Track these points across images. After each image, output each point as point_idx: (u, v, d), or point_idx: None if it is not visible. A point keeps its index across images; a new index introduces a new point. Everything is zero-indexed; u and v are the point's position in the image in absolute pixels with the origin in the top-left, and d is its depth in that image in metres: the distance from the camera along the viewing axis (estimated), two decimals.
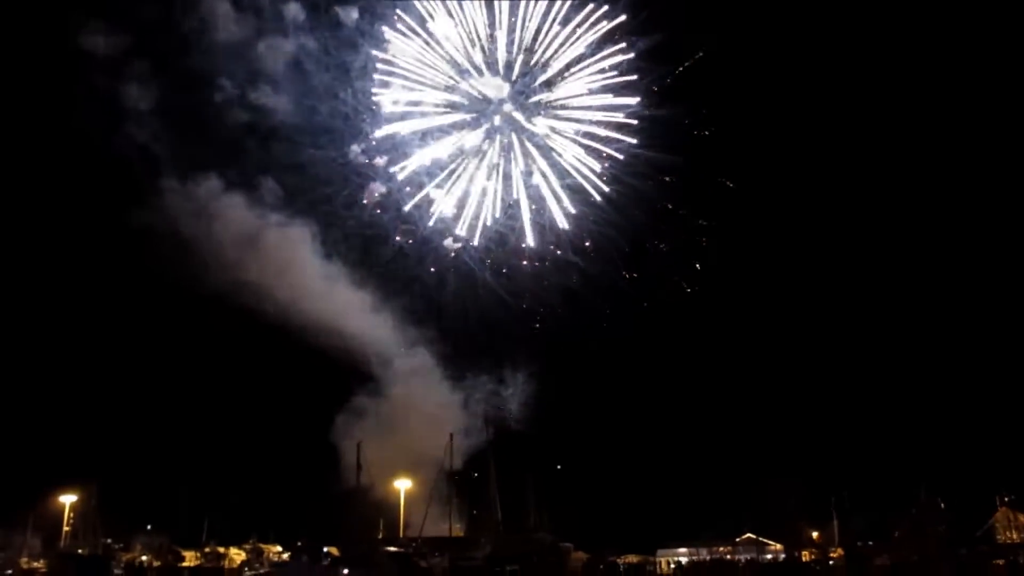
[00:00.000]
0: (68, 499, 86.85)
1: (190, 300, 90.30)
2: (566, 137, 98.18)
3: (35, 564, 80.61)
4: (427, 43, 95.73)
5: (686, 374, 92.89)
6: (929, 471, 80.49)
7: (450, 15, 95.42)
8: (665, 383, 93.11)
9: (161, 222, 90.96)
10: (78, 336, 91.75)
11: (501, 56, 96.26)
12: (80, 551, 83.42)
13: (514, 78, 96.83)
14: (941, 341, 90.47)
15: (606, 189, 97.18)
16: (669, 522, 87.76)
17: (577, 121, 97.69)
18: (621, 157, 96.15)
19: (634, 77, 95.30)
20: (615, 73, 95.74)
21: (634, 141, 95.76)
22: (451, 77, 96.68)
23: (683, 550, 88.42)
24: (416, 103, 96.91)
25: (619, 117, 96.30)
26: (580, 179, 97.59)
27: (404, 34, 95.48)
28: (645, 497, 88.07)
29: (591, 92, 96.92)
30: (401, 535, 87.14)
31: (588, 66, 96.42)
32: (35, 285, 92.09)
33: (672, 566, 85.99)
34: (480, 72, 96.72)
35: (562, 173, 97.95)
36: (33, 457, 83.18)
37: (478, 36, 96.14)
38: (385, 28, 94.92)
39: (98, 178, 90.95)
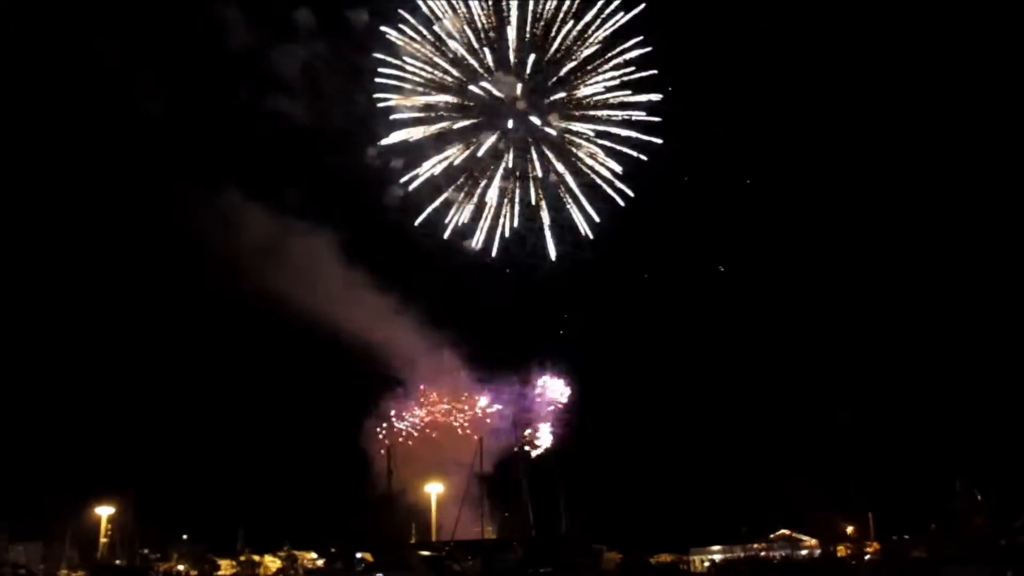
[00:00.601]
0: (105, 511, 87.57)
1: (217, 310, 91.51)
2: (582, 137, 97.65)
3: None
4: (436, 45, 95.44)
5: (716, 372, 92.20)
6: (965, 462, 79.22)
7: (456, 13, 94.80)
8: (695, 381, 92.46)
9: (185, 233, 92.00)
10: (111, 349, 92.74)
11: (512, 55, 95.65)
12: (118, 562, 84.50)
13: (527, 77, 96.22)
14: (975, 331, 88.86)
15: (626, 189, 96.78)
16: (702, 521, 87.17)
17: (593, 120, 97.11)
18: (644, 158, 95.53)
19: (653, 72, 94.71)
20: (631, 69, 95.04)
21: (659, 141, 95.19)
22: (462, 79, 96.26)
23: (717, 548, 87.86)
24: (429, 106, 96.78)
25: (637, 115, 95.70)
26: (598, 180, 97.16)
27: (413, 37, 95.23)
28: (678, 496, 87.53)
29: (607, 89, 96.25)
30: (434, 539, 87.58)
31: (603, 62, 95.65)
32: (66, 299, 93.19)
33: (706, 564, 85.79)
34: (491, 72, 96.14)
35: (580, 173, 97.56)
36: (70, 470, 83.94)
37: (487, 35, 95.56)
38: (395, 31, 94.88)
39: (119, 191, 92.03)
